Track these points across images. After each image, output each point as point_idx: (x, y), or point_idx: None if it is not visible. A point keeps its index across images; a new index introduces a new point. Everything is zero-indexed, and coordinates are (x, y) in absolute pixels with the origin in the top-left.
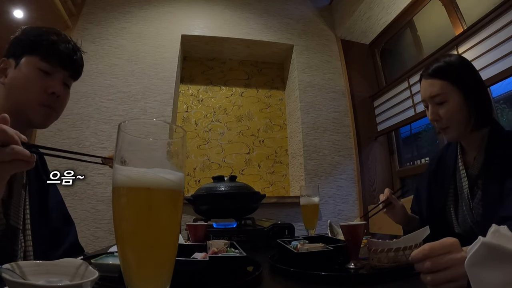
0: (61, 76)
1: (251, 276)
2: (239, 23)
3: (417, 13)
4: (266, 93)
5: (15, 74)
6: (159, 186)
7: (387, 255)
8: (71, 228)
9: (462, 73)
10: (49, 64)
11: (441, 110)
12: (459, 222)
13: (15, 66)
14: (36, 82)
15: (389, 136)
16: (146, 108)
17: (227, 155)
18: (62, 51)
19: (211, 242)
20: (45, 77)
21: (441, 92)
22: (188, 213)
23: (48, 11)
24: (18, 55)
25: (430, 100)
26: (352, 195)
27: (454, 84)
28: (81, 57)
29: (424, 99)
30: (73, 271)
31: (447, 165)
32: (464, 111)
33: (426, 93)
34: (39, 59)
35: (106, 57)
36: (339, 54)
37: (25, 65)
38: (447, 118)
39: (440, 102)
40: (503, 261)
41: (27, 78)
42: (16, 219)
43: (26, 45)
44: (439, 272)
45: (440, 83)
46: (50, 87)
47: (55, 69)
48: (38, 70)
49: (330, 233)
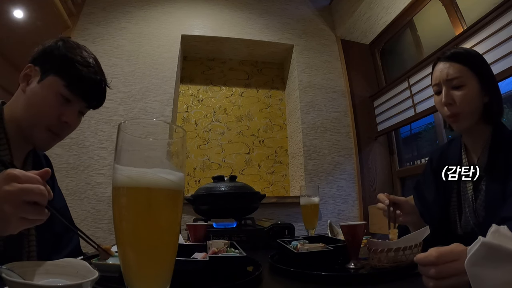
0: (78, 106)
1: (251, 276)
2: (239, 23)
3: (417, 13)
4: (266, 93)
5: (36, 90)
6: (159, 186)
7: (387, 255)
8: (74, 234)
9: (480, 63)
10: (71, 93)
11: (456, 94)
12: (462, 224)
13: (39, 80)
14: (53, 107)
15: (389, 136)
16: (146, 108)
17: (227, 155)
18: (87, 82)
19: (211, 242)
20: (62, 105)
21: (460, 75)
22: (188, 213)
23: (48, 11)
24: (46, 70)
25: (446, 83)
26: (352, 195)
27: (473, 71)
28: (104, 90)
29: (438, 81)
30: (73, 271)
31: (451, 165)
32: (479, 99)
33: (442, 75)
34: (63, 85)
35: (106, 57)
36: (339, 54)
37: (48, 85)
38: (461, 103)
39: (456, 86)
40: (503, 261)
41: (45, 100)
42: None
43: (58, 63)
44: (444, 279)
45: (459, 67)
46: (65, 116)
47: (75, 98)
48: (59, 96)
49: (330, 233)
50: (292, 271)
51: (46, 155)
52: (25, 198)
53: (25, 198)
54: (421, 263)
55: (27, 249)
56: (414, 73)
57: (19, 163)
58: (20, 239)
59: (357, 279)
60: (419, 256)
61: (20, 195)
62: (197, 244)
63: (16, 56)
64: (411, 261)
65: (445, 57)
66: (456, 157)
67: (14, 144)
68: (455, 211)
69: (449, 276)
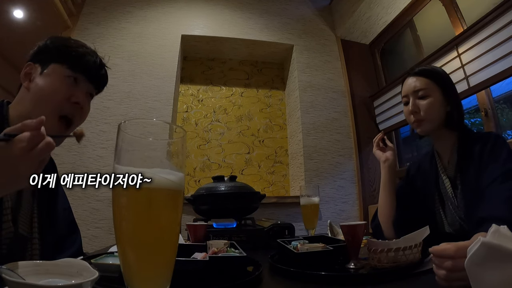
0: (85, 87)
1: (251, 276)
2: (239, 23)
3: (417, 13)
4: (266, 93)
5: (41, 81)
6: (160, 186)
7: (387, 255)
8: (77, 236)
9: (444, 78)
10: (75, 72)
11: (421, 103)
12: (449, 222)
13: (41, 72)
14: (63, 89)
15: (389, 136)
16: (146, 108)
17: (227, 155)
18: (89, 64)
19: (211, 242)
20: (71, 85)
21: (425, 87)
22: (188, 213)
23: (48, 11)
24: (45, 62)
25: (412, 94)
26: (352, 195)
27: (437, 84)
28: (106, 73)
29: (407, 93)
30: (73, 271)
31: (427, 172)
32: (441, 108)
33: (410, 87)
34: (67, 67)
35: (106, 57)
36: (339, 54)
37: (52, 72)
38: (425, 111)
39: (422, 96)
40: (503, 261)
41: (53, 84)
42: (24, 227)
43: (55, 53)
44: (457, 272)
45: (425, 80)
46: (75, 96)
47: (81, 78)
48: (66, 77)
49: (330, 233)
50: (292, 271)
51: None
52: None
53: (40, 159)
54: (439, 255)
55: (30, 252)
56: None
57: None
58: (23, 242)
59: (357, 279)
60: (437, 248)
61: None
62: (197, 244)
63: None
64: (411, 261)
65: (413, 72)
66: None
67: None
68: (439, 210)
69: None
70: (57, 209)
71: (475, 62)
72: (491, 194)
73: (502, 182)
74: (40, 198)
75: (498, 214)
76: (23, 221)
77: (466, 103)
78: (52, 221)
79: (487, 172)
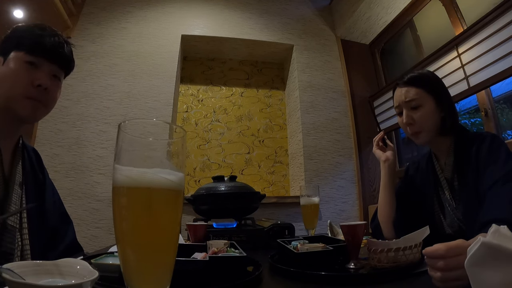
0: (47, 69)
1: (251, 276)
2: (239, 23)
3: (417, 13)
4: (266, 93)
5: (3, 70)
6: (160, 186)
7: (387, 255)
8: (69, 227)
9: (434, 83)
10: (34, 56)
11: (415, 115)
12: (448, 224)
13: (3, 62)
14: (23, 75)
15: (389, 136)
16: (146, 108)
17: (227, 155)
18: (47, 44)
19: (211, 242)
20: (31, 70)
21: (417, 97)
22: (188, 213)
23: (48, 11)
24: (6, 52)
25: (405, 105)
26: (352, 195)
27: (428, 92)
28: (70, 51)
29: (399, 104)
30: (73, 271)
31: (425, 174)
32: (436, 116)
33: (401, 98)
34: (25, 53)
35: (106, 57)
36: (339, 54)
37: (12, 60)
38: (420, 122)
39: (414, 107)
40: (503, 261)
41: (13, 72)
42: (13, 218)
43: (13, 41)
44: (450, 271)
45: (416, 90)
46: (36, 79)
47: (41, 61)
48: (25, 63)
49: (330, 233)
50: (292, 271)
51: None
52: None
53: None
54: (430, 256)
55: (20, 242)
56: None
57: (8, 155)
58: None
59: (357, 279)
60: (429, 249)
61: None
62: (197, 244)
63: None
64: (411, 261)
65: (403, 82)
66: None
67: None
68: (438, 212)
69: (456, 268)
70: (46, 201)
71: (475, 62)
72: (493, 197)
73: (503, 184)
74: (28, 189)
75: (502, 216)
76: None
77: (466, 103)
78: (41, 212)
79: (486, 174)
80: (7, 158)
